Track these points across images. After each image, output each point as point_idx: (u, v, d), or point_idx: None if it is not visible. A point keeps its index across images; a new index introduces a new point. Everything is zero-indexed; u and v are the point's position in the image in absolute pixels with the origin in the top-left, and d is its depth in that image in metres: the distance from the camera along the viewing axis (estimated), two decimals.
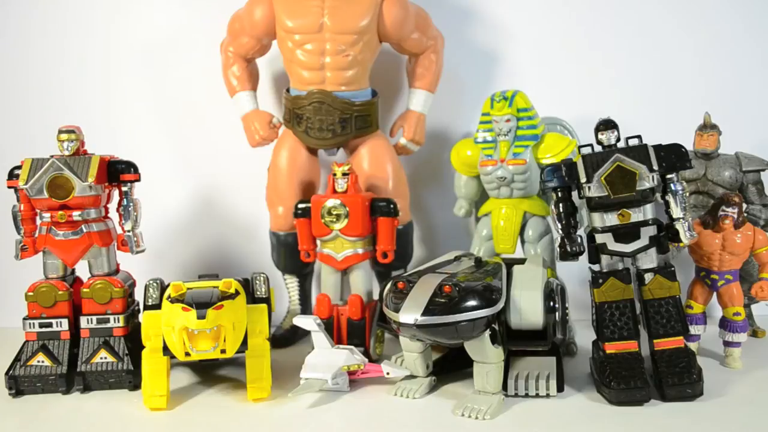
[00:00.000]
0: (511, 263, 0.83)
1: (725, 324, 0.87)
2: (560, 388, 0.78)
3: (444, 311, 0.68)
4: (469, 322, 0.68)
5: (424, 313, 0.68)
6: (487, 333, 0.72)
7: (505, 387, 0.76)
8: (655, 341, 0.79)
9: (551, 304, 0.75)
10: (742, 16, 1.15)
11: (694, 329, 0.88)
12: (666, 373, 0.75)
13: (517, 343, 0.77)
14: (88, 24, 1.20)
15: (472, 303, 0.68)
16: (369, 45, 1.02)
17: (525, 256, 0.95)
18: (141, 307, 0.87)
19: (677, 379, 0.74)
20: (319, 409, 0.76)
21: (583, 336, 0.93)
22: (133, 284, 0.96)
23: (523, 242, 0.98)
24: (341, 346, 0.88)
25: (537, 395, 0.76)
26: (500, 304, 0.71)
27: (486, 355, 0.73)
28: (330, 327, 0.92)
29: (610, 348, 0.79)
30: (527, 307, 0.74)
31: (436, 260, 0.88)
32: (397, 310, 0.70)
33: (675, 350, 0.78)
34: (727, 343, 0.87)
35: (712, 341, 0.91)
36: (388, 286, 0.76)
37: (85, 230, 0.89)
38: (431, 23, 1.08)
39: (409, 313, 0.68)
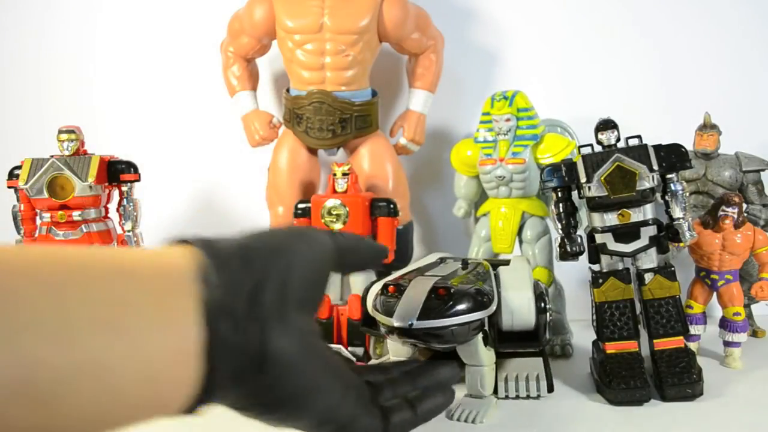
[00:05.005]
0: (495, 264, 0.82)
1: (725, 324, 0.87)
2: (550, 389, 0.77)
3: (439, 314, 0.66)
4: (465, 324, 0.66)
5: (419, 317, 0.65)
6: (480, 336, 0.71)
7: (494, 389, 0.75)
8: (655, 341, 0.79)
9: (542, 305, 0.74)
10: (743, 15, 1.14)
11: (694, 329, 0.88)
12: (666, 373, 0.75)
13: (508, 345, 0.75)
14: (88, 23, 1.20)
15: (467, 306, 0.66)
16: (369, 45, 1.02)
17: (520, 256, 0.95)
18: None
19: (677, 379, 0.74)
20: None
21: (583, 336, 0.93)
22: None
23: (521, 242, 0.98)
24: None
25: (528, 396, 0.76)
26: (494, 306, 0.70)
27: (479, 358, 0.72)
28: (330, 327, 0.92)
29: (610, 348, 0.79)
30: (519, 308, 0.73)
31: (419, 262, 0.85)
32: (390, 314, 0.66)
33: (675, 350, 0.77)
34: (727, 343, 0.87)
35: (712, 341, 0.91)
36: (377, 289, 0.73)
37: (85, 230, 0.89)
38: (431, 23, 1.08)
39: (404, 317, 0.65)
